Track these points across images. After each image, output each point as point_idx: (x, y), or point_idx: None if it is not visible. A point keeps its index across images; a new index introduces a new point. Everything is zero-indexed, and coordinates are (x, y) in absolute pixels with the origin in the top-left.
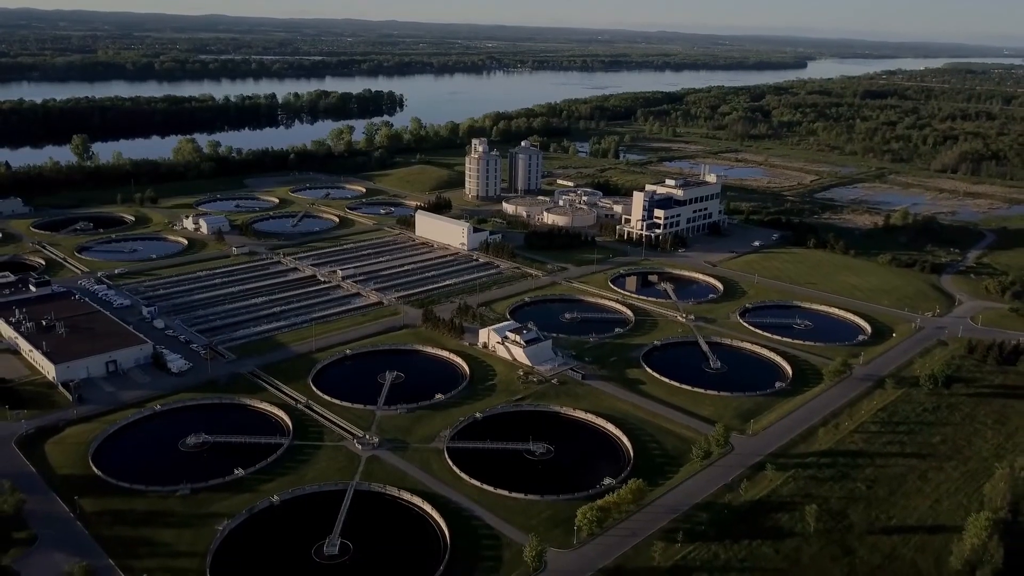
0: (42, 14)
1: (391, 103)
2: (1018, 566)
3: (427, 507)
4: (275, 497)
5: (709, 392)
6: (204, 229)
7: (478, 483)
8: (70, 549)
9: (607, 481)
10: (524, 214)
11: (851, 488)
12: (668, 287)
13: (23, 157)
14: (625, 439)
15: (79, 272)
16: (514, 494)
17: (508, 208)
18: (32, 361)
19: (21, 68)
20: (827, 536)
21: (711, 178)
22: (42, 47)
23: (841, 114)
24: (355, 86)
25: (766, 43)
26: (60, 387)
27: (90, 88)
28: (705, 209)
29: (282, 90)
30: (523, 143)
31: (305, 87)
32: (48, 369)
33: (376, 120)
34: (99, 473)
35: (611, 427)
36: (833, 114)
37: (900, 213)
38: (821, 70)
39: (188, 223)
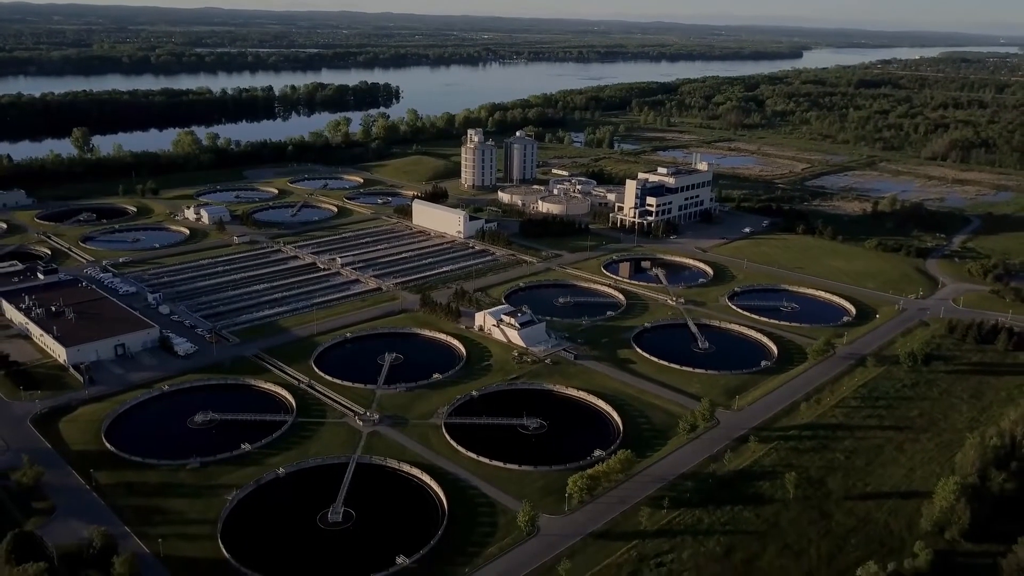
0: (36, 8)
1: (387, 95)
2: (983, 526)
3: (426, 478)
4: (281, 469)
5: (697, 371)
6: (205, 219)
7: (474, 455)
8: (87, 517)
9: (597, 453)
10: (519, 203)
11: (830, 458)
12: (659, 272)
13: (23, 150)
14: (615, 414)
15: (84, 261)
16: (509, 465)
17: (504, 197)
18: (43, 345)
19: (18, 62)
20: (806, 502)
21: (702, 166)
22: (37, 41)
23: (835, 103)
24: (351, 78)
25: (763, 33)
26: (71, 369)
27: (86, 82)
28: (697, 197)
29: (279, 83)
30: (518, 133)
31: (302, 80)
32: (59, 352)
33: (373, 112)
34: (112, 448)
35: (602, 403)
36: (827, 103)
37: (888, 200)
38: (817, 60)
39: (189, 213)
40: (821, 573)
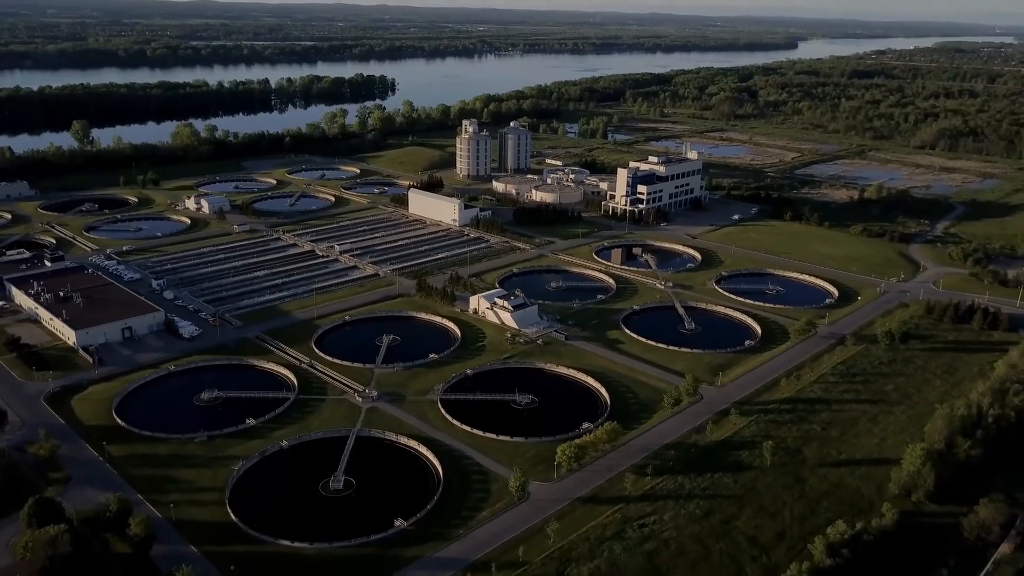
0: (30, 2)
1: (383, 87)
2: (948, 489)
3: (422, 449)
4: (284, 442)
5: (683, 350)
6: (206, 209)
7: (469, 428)
8: (102, 486)
9: (585, 425)
10: (513, 192)
11: (807, 429)
12: (649, 258)
13: (22, 143)
14: (603, 390)
15: (88, 250)
16: (501, 437)
17: (498, 186)
18: (53, 329)
19: (13, 56)
20: (782, 469)
21: (693, 155)
22: (32, 35)
23: (827, 93)
24: (347, 71)
25: (758, 24)
26: (81, 351)
27: (83, 75)
28: (687, 185)
29: (275, 75)
30: (513, 124)
31: (297, 72)
32: (69, 335)
33: (369, 104)
34: (123, 424)
35: (591, 380)
36: (819, 94)
37: (875, 187)
38: (811, 51)
39: (190, 203)
40: (794, 532)
